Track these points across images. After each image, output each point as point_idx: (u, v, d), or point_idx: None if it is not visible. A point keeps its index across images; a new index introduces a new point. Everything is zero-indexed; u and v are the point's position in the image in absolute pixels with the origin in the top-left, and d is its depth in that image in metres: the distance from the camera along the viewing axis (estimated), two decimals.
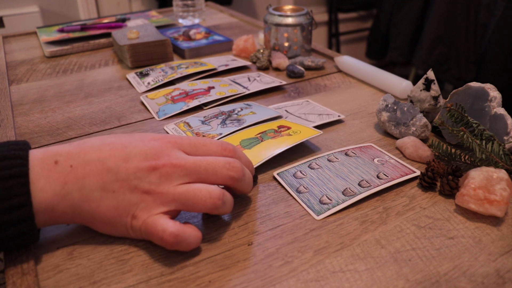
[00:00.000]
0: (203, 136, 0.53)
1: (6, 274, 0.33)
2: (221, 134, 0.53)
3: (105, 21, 0.98)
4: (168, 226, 0.34)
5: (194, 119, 0.58)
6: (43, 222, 0.35)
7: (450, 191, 0.42)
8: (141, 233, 0.36)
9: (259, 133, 0.52)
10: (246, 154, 0.48)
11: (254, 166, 0.46)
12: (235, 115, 0.58)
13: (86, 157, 0.35)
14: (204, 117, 0.58)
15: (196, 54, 0.85)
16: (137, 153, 0.36)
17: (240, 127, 0.54)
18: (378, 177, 0.45)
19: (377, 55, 2.42)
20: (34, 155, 0.35)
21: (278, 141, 0.49)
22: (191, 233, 0.35)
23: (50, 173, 0.34)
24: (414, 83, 0.62)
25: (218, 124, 0.56)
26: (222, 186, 0.39)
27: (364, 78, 0.71)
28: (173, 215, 0.37)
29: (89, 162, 0.35)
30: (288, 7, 0.82)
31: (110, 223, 0.36)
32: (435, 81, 0.54)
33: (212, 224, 0.39)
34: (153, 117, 0.60)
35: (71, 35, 0.90)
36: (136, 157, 0.36)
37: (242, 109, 0.60)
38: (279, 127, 0.53)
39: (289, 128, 0.52)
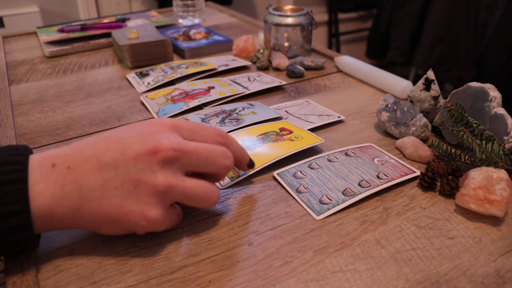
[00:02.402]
0: None
1: (6, 274, 0.33)
2: None
3: (105, 21, 0.98)
4: (181, 215, 0.39)
5: (194, 117, 0.58)
6: (42, 228, 0.34)
7: (450, 191, 0.42)
8: (156, 229, 0.36)
9: (261, 134, 0.52)
10: None
11: (256, 169, 0.46)
12: (235, 114, 0.58)
13: (82, 155, 0.34)
14: (205, 115, 0.58)
15: (196, 54, 0.85)
16: (134, 142, 0.35)
17: (237, 127, 0.54)
18: (378, 177, 0.45)
19: (377, 55, 2.42)
20: (33, 159, 0.34)
21: (279, 145, 0.49)
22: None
23: (48, 177, 0.33)
24: (414, 83, 0.62)
25: (217, 123, 0.56)
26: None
27: (364, 78, 0.71)
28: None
29: (86, 159, 0.34)
30: (288, 7, 0.82)
31: (113, 222, 0.34)
32: (435, 81, 0.54)
33: (212, 224, 0.39)
34: (153, 117, 0.60)
35: (71, 35, 0.90)
36: (133, 146, 0.34)
37: (243, 109, 0.60)
38: (281, 129, 0.53)
39: (291, 132, 0.52)
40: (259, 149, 0.49)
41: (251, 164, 0.43)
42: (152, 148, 0.34)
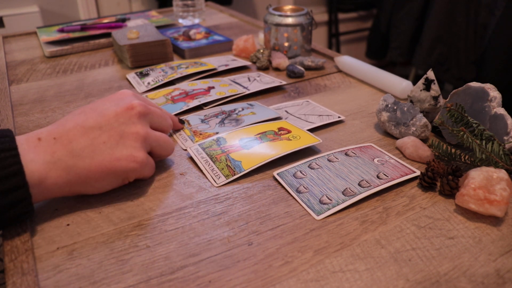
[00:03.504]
0: (200, 134, 0.54)
1: (6, 274, 0.33)
2: (217, 133, 0.53)
3: (105, 21, 0.98)
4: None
5: (194, 117, 0.58)
6: (38, 193, 0.37)
7: (450, 191, 0.42)
8: (143, 172, 0.42)
9: (259, 134, 0.52)
10: (244, 154, 0.48)
11: (251, 168, 0.46)
12: (235, 115, 0.58)
13: (65, 127, 0.39)
14: (205, 115, 0.59)
15: (196, 54, 0.85)
16: (110, 106, 0.41)
17: (237, 127, 0.54)
18: (378, 177, 0.45)
19: (377, 55, 2.42)
20: (19, 137, 0.38)
21: (277, 144, 0.49)
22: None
23: (36, 148, 0.37)
24: (414, 83, 0.62)
25: (216, 124, 0.56)
26: None
27: (364, 78, 0.71)
28: None
29: (70, 129, 0.39)
30: (288, 7, 0.82)
31: (107, 172, 0.39)
32: (435, 81, 0.54)
33: (212, 224, 0.39)
34: None
35: (71, 35, 0.90)
36: (110, 108, 0.41)
37: (243, 109, 0.60)
38: (279, 129, 0.53)
39: (289, 131, 0.52)
40: (256, 148, 0.49)
41: (181, 121, 0.55)
42: (128, 105, 0.42)
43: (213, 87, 0.67)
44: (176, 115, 0.60)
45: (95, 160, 0.38)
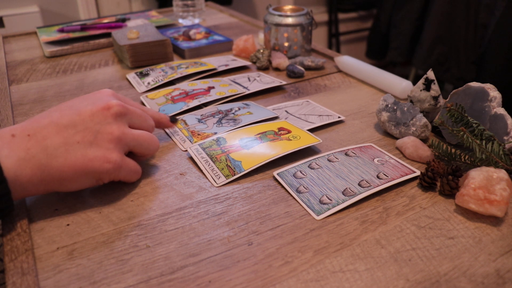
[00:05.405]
0: (199, 134, 0.53)
1: (6, 274, 0.33)
2: (216, 133, 0.53)
3: (105, 21, 0.98)
4: (138, 167, 0.45)
5: (191, 117, 0.58)
6: (14, 191, 0.36)
7: (450, 191, 0.42)
8: (119, 174, 0.41)
9: (259, 134, 0.52)
10: (244, 154, 0.48)
11: (251, 168, 0.46)
12: (232, 115, 0.58)
13: (39, 124, 0.38)
14: (201, 115, 0.58)
15: (196, 54, 0.85)
16: (86, 105, 0.41)
17: (235, 127, 0.54)
18: (378, 177, 0.45)
19: (377, 55, 2.41)
20: None
21: (277, 144, 0.49)
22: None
23: (10, 144, 0.36)
24: (414, 83, 0.62)
25: (214, 123, 0.56)
26: None
27: (364, 78, 0.71)
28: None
29: (45, 126, 0.38)
30: (288, 7, 0.82)
31: (81, 173, 0.38)
32: (435, 81, 0.54)
33: (212, 224, 0.39)
34: None
35: (71, 35, 0.90)
36: (87, 107, 0.40)
37: (239, 109, 0.60)
38: (279, 129, 0.53)
39: (289, 131, 0.52)
40: (256, 148, 0.49)
41: (173, 119, 0.54)
42: (104, 105, 0.41)
43: (213, 87, 0.67)
44: (175, 115, 0.60)
45: (68, 160, 0.38)
